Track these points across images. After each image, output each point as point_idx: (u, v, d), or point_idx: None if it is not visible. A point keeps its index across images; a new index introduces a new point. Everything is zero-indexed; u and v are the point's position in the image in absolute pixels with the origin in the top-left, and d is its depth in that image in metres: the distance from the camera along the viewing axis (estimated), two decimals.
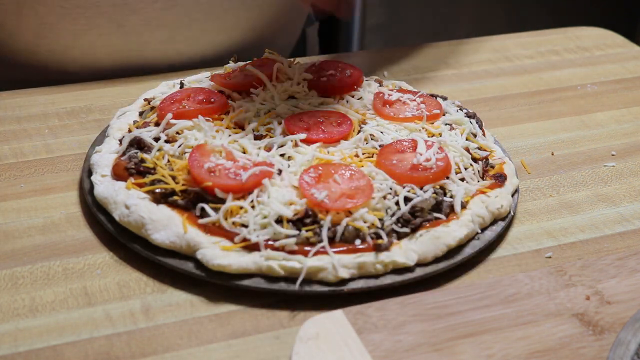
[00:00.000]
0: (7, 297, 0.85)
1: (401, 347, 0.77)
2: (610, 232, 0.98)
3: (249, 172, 0.91)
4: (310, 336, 0.78)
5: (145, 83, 1.20)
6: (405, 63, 1.33)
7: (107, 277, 0.88)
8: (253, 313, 0.85)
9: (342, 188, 0.91)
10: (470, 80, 1.30)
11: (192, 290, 0.87)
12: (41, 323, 0.82)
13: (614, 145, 1.15)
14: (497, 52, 1.39)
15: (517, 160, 1.09)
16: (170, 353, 0.80)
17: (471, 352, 0.77)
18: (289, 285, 0.86)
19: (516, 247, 0.95)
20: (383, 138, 1.00)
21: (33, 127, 1.11)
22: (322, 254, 0.87)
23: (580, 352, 0.78)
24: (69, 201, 0.98)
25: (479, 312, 0.81)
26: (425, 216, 0.92)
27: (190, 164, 0.92)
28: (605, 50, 1.42)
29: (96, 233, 0.93)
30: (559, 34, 1.47)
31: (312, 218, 0.89)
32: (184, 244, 0.88)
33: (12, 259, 0.89)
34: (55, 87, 1.20)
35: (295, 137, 0.98)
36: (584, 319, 0.81)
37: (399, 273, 0.88)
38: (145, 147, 0.98)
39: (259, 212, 0.89)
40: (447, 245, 0.90)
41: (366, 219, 0.89)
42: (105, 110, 1.16)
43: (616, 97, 1.28)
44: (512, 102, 1.25)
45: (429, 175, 0.94)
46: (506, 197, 0.98)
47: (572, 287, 0.85)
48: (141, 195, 0.92)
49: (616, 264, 0.88)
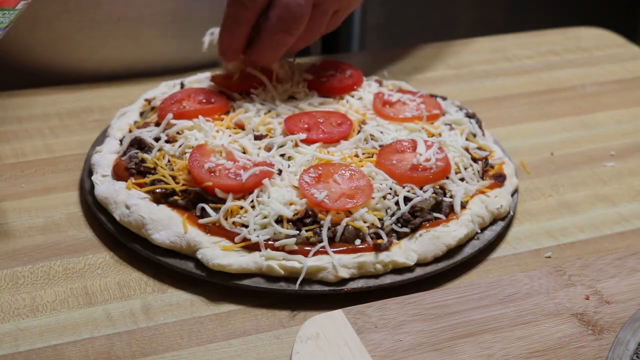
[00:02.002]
0: (7, 296, 0.85)
1: (401, 347, 0.77)
2: (610, 232, 0.98)
3: (249, 172, 0.91)
4: (310, 336, 0.78)
5: (146, 83, 1.20)
6: (405, 63, 1.33)
7: (108, 277, 0.88)
8: (253, 313, 0.85)
9: (342, 188, 0.91)
10: (470, 81, 1.30)
11: (192, 290, 0.87)
12: (42, 323, 0.82)
13: (613, 146, 1.15)
14: (497, 52, 1.39)
15: (516, 160, 1.10)
16: (170, 353, 0.80)
17: (471, 352, 0.77)
18: (289, 285, 0.86)
19: (516, 247, 0.96)
20: (383, 138, 1.00)
21: (34, 127, 1.12)
22: (322, 253, 0.87)
23: (580, 351, 0.78)
24: (69, 201, 0.98)
25: (479, 311, 0.81)
26: (425, 216, 0.92)
27: (191, 164, 0.92)
28: (605, 50, 1.42)
29: (97, 233, 0.94)
30: (558, 34, 1.47)
31: (312, 218, 0.89)
32: (184, 244, 0.88)
33: (13, 258, 0.89)
34: (56, 87, 1.20)
35: (295, 137, 0.98)
36: (584, 319, 0.81)
37: (399, 273, 0.88)
38: (146, 147, 0.98)
39: (259, 212, 0.89)
40: (447, 245, 0.90)
41: (366, 219, 0.89)
42: (105, 111, 1.16)
43: (616, 97, 1.28)
44: (512, 103, 1.25)
45: (429, 175, 0.94)
46: (506, 197, 0.98)
47: (571, 287, 0.85)
48: (141, 195, 0.92)
49: (615, 263, 0.88)
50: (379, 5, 2.41)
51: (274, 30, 1.01)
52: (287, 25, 1.00)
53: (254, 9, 1.01)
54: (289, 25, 1.00)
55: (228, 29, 1.03)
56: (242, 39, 1.04)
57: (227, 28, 1.03)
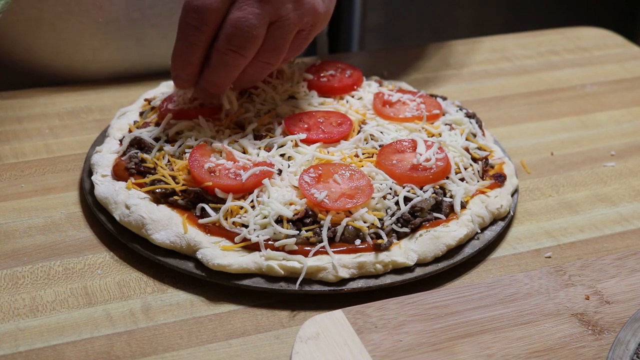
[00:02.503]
0: (7, 297, 0.85)
1: (401, 347, 0.77)
2: (610, 232, 0.98)
3: (249, 172, 0.91)
4: (310, 336, 0.78)
5: (146, 83, 1.20)
6: (405, 63, 1.33)
7: (108, 277, 0.88)
8: (253, 313, 0.85)
9: (342, 188, 0.91)
10: (470, 80, 1.30)
11: (192, 290, 0.87)
12: (42, 323, 0.82)
13: (613, 146, 1.15)
14: (497, 52, 1.39)
15: (516, 160, 1.10)
16: (170, 353, 0.80)
17: (471, 352, 0.77)
18: (289, 285, 0.86)
19: (516, 247, 0.96)
20: (383, 138, 1.00)
21: (34, 127, 1.12)
22: (322, 253, 0.87)
23: (580, 351, 0.78)
24: (69, 201, 0.98)
25: (479, 311, 0.81)
26: (425, 216, 0.92)
27: (191, 164, 0.92)
28: (605, 50, 1.42)
29: (96, 233, 0.94)
30: (558, 34, 1.47)
31: (312, 218, 0.89)
32: (184, 244, 0.88)
33: (13, 258, 0.89)
34: (55, 87, 1.20)
35: (295, 137, 0.98)
36: (584, 319, 0.81)
37: (399, 273, 0.88)
38: (146, 147, 0.98)
39: (259, 212, 0.89)
40: (447, 245, 0.90)
41: (366, 219, 0.89)
42: (105, 111, 1.16)
43: (616, 97, 1.28)
44: (512, 103, 1.25)
45: (429, 175, 0.94)
46: (506, 197, 0.98)
47: (571, 287, 0.85)
48: (141, 195, 0.92)
49: (616, 263, 0.88)
50: (379, 6, 2.41)
51: (223, 49, 0.94)
52: (237, 44, 0.93)
53: (207, 32, 0.94)
54: (239, 44, 0.93)
55: (181, 54, 0.96)
56: (196, 64, 0.97)
57: (179, 53, 0.97)
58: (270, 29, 0.95)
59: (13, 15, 1.15)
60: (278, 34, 0.95)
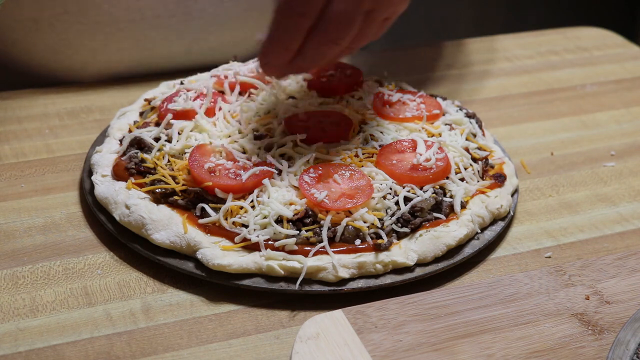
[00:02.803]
0: (7, 297, 0.85)
1: (401, 347, 0.77)
2: (610, 232, 0.98)
3: (249, 172, 0.91)
4: (310, 336, 0.78)
5: (146, 83, 1.20)
6: (405, 63, 1.33)
7: (108, 277, 0.88)
8: (253, 313, 0.85)
9: (342, 188, 0.91)
10: (470, 80, 1.30)
11: (192, 290, 0.87)
12: (42, 323, 0.82)
13: (613, 146, 1.15)
14: (497, 52, 1.39)
15: (516, 160, 1.10)
16: (170, 353, 0.80)
17: (471, 352, 0.77)
18: (289, 285, 0.86)
19: (516, 247, 0.96)
20: (383, 138, 1.00)
21: (34, 127, 1.12)
22: (322, 253, 0.87)
23: (580, 352, 0.78)
24: (69, 201, 0.98)
25: (479, 312, 0.81)
26: (425, 216, 0.92)
27: (191, 164, 0.92)
28: (605, 50, 1.42)
29: (96, 233, 0.94)
30: (558, 34, 1.47)
31: (312, 218, 0.89)
32: (184, 244, 0.88)
33: (13, 258, 0.89)
34: (55, 87, 1.20)
35: (295, 137, 0.98)
36: (584, 319, 0.81)
37: (399, 273, 0.88)
38: (146, 147, 0.98)
39: (259, 212, 0.89)
40: (447, 245, 0.90)
41: (366, 219, 0.89)
42: (105, 111, 1.16)
43: (616, 97, 1.28)
44: (512, 103, 1.25)
45: (429, 175, 0.94)
46: (506, 197, 0.98)
47: (571, 287, 0.85)
48: (141, 195, 0.92)
49: (616, 263, 0.88)
50: None
51: (324, 40, 0.90)
52: (337, 36, 0.90)
53: (311, 18, 0.89)
54: (339, 36, 0.90)
55: (280, 40, 0.90)
56: (293, 52, 0.91)
57: (278, 40, 0.90)
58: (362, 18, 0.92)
59: (13, 16, 1.15)
60: (368, 24, 0.92)
